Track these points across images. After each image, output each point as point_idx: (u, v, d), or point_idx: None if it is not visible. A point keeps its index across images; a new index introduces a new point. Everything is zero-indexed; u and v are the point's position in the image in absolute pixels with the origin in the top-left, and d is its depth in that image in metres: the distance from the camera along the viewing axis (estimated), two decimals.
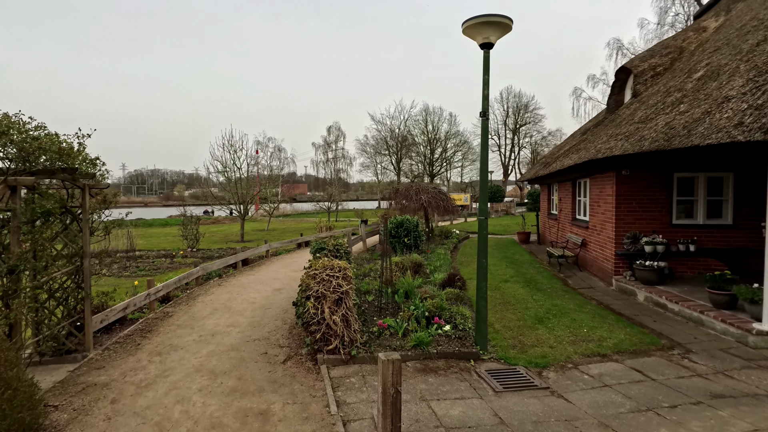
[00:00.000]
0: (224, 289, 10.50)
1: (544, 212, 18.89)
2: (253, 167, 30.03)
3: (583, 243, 12.54)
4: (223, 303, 9.09)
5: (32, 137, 4.93)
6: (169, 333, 7.17)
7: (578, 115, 38.22)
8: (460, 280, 9.18)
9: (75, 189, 6.28)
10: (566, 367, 5.79)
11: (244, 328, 7.30)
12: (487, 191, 6.51)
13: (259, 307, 8.62)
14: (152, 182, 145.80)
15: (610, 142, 9.35)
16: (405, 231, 15.01)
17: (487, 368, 5.79)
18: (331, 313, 5.40)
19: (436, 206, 18.48)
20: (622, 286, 9.82)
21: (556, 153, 18.08)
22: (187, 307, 8.86)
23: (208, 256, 18.14)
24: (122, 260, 17.06)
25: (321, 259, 5.96)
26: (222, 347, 6.37)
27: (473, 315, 7.67)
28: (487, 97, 6.20)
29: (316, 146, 74.24)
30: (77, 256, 6.31)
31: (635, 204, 10.11)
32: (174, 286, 9.57)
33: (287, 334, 6.84)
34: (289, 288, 10.28)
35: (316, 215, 53.81)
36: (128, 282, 12.63)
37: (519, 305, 8.69)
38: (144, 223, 45.33)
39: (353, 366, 5.56)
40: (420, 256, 13.73)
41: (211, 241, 25.16)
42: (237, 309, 8.56)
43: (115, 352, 6.38)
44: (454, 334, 6.54)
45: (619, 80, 15.28)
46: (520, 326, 7.39)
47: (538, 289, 10.20)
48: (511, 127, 72.29)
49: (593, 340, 6.66)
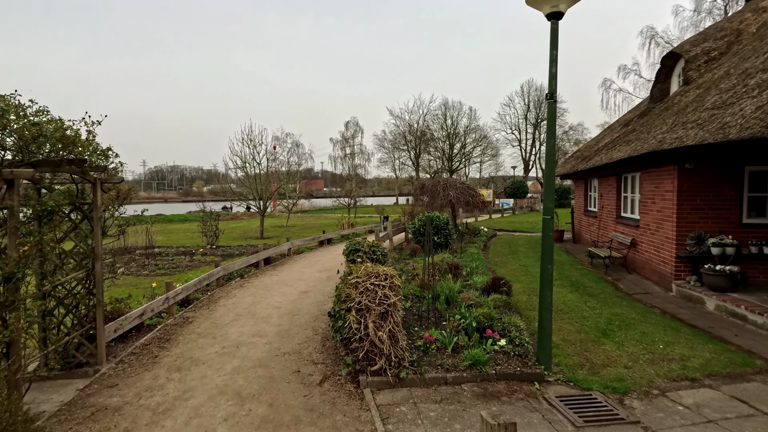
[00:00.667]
0: (247, 291, 9.81)
1: (580, 209, 17.79)
2: (272, 162, 29.48)
3: (633, 243, 11.49)
4: (246, 307, 8.39)
5: (32, 123, 4.24)
6: (189, 343, 6.47)
7: (608, 108, 36.71)
8: (506, 285, 8.29)
9: (85, 184, 5.61)
10: (651, 394, 4.89)
11: (272, 338, 6.56)
12: (553, 185, 5.62)
13: (286, 313, 7.89)
14: (172, 178, 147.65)
15: (676, 132, 8.32)
16: (434, 228, 14.14)
17: (557, 393, 4.92)
18: (376, 329, 4.61)
19: (465, 202, 17.56)
20: (685, 292, 8.80)
21: (594, 146, 16.95)
22: (208, 312, 8.18)
23: (228, 253, 17.58)
24: (141, 258, 16.60)
25: (363, 265, 5.17)
26: (248, 362, 5.63)
27: (527, 326, 6.80)
28: (555, 76, 5.31)
29: (333, 141, 73.68)
30: (88, 259, 5.64)
31: (699, 201, 9.06)
32: (194, 288, 8.92)
33: (320, 347, 6.07)
34: (316, 291, 9.54)
35: (334, 211, 53.26)
36: (147, 282, 12.08)
37: (573, 313, 7.78)
38: (164, 219, 45.38)
39: (402, 390, 4.76)
40: (451, 256, 12.88)
41: (231, 238, 24.69)
42: (262, 315, 7.84)
43: (129, 365, 5.70)
44: (512, 350, 5.68)
45: (666, 67, 14.12)
46: (582, 340, 6.49)
47: (589, 294, 9.25)
48: (532, 121, 70.52)
49: (674, 359, 5.73)
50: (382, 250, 7.27)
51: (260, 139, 24.71)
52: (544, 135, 70.29)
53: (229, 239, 23.74)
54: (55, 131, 4.39)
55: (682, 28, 32.24)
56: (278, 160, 32.58)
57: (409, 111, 73.95)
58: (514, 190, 44.53)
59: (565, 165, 18.42)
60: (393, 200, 77.05)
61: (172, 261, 15.65)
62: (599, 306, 8.25)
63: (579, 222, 17.91)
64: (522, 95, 69.12)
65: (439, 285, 8.07)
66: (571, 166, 17.03)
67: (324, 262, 13.64)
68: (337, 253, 15.63)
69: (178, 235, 27.82)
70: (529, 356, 5.60)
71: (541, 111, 68.96)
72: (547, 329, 5.44)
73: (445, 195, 17.55)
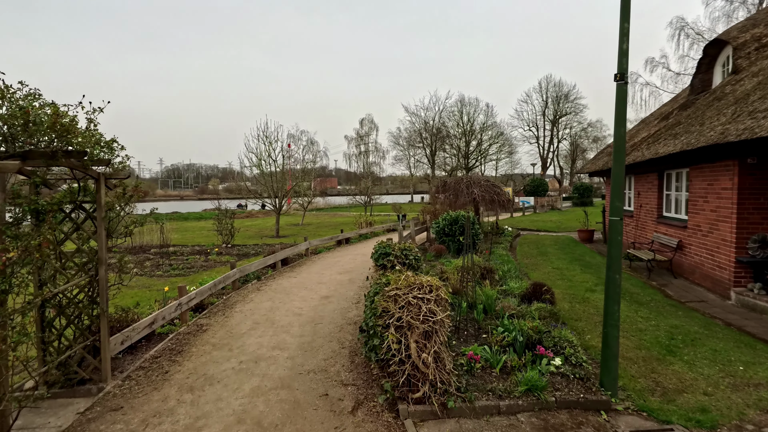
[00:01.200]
0: (264, 295, 9.20)
1: None
2: (288, 160, 28.95)
3: (680, 245, 10.58)
4: (264, 314, 7.77)
5: (18, 107, 3.63)
6: (203, 356, 5.86)
7: (633, 102, 35.26)
8: (549, 293, 7.51)
9: (88, 180, 5.02)
10: (746, 430, 4.10)
11: (294, 351, 5.91)
12: (621, 179, 4.84)
13: (308, 321, 7.24)
14: (188, 176, 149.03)
15: (742, 122, 7.44)
16: (460, 228, 13.38)
17: (631, 427, 4.16)
18: (419, 350, 3.91)
19: (490, 201, 16.74)
20: (748, 301, 7.91)
21: (628, 142, 15.98)
22: (223, 319, 7.58)
23: (244, 253, 17.06)
24: (156, 257, 16.17)
25: (402, 274, 4.47)
26: (269, 382, 4.98)
27: (579, 341, 6.03)
28: (627, 53, 4.53)
29: (348, 139, 72.91)
30: (91, 263, 5.06)
31: (764, 200, 8.15)
32: (209, 293, 8.33)
33: (349, 364, 5.39)
34: (339, 296, 8.87)
35: (349, 209, 52.68)
36: (160, 283, 11.58)
37: (626, 325, 6.97)
38: (179, 216, 45.34)
39: (449, 422, 4.04)
40: (480, 258, 12.11)
41: (246, 236, 24.23)
42: (282, 323, 7.20)
43: (137, 383, 5.10)
44: (570, 372, 4.93)
45: (708, 56, 13.17)
46: (645, 357, 5.70)
47: (637, 302, 8.41)
48: (550, 118, 68.96)
49: (761, 384, 4.91)
50: (415, 254, 6.55)
51: (276, 136, 24.19)
52: (564, 131, 69.05)
53: (244, 238, 23.28)
54: (47, 117, 3.77)
55: (714, 18, 30.87)
56: (293, 157, 32.03)
57: (425, 108, 73.07)
58: (533, 188, 43.36)
59: (595, 162, 17.45)
60: (407, 198, 76.23)
61: (186, 261, 15.17)
62: (653, 316, 7.42)
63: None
64: (540, 91, 67.57)
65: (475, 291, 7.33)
66: (603, 162, 16.08)
67: (344, 264, 12.98)
68: (357, 253, 14.99)
69: (193, 233, 27.50)
70: (591, 379, 4.84)
71: (560, 107, 67.39)
72: (614, 349, 4.68)
73: (469, 193, 16.77)
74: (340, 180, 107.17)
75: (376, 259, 6.56)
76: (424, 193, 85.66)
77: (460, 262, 9.92)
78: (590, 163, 18.42)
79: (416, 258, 6.55)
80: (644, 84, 34.86)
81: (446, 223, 13.60)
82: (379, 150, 73.58)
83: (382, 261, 6.20)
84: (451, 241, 13.48)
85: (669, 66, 33.68)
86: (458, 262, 9.53)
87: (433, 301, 3.98)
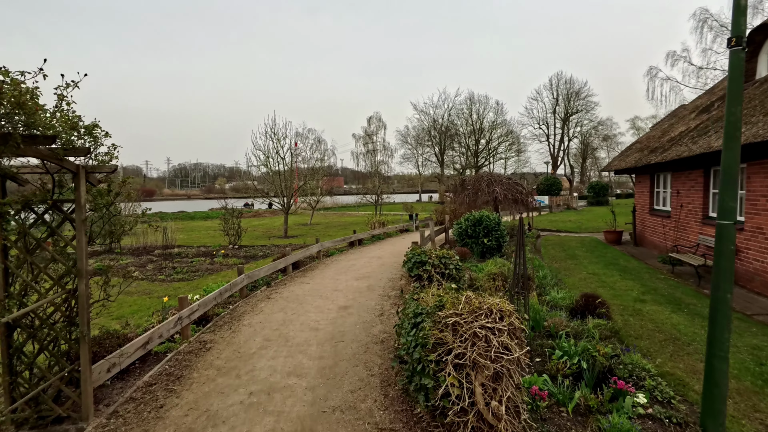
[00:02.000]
0: (275, 305, 8.27)
1: (644, 208, 15.73)
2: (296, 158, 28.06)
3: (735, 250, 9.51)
4: (276, 328, 6.84)
5: None
6: (205, 384, 4.93)
7: (653, 98, 33.99)
8: (604, 306, 6.51)
9: (65, 173, 4.11)
10: None
11: (314, 379, 4.96)
12: (735, 174, 3.84)
13: (327, 339, 6.29)
14: (195, 176, 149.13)
15: None
16: (484, 230, 12.39)
17: None
18: (488, 396, 2.94)
19: (513, 200, 15.73)
20: None
21: (661, 137, 14.91)
22: (230, 334, 6.66)
23: (252, 254, 16.18)
24: (159, 259, 15.33)
25: (461, 294, 3.51)
26: (286, 424, 4.04)
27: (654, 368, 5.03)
28: (744, 11, 3.54)
29: (356, 137, 71.96)
30: (69, 276, 4.15)
31: None
32: (213, 303, 7.42)
33: (383, 399, 4.43)
34: (358, 306, 7.92)
35: (357, 209, 51.75)
36: (161, 289, 10.70)
37: (697, 345, 5.96)
38: (185, 215, 44.68)
39: None
40: (506, 260, 11.13)
41: (253, 237, 23.37)
42: (297, 340, 6.27)
43: (125, 422, 4.18)
44: (663, 414, 3.93)
45: (754, 43, 12.08)
46: (739, 389, 4.70)
47: (699, 314, 7.40)
48: (561, 116, 67.60)
49: None
50: (455, 263, 5.59)
51: (284, 133, 23.26)
52: (575, 129, 67.75)
53: (251, 238, 22.42)
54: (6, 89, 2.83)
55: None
56: (301, 156, 31.14)
57: (433, 105, 71.78)
58: (547, 186, 42.17)
59: (624, 158, 16.35)
60: (415, 197, 75.19)
61: (191, 263, 14.30)
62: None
63: (642, 222, 15.85)
64: (550, 89, 66.24)
65: (517, 304, 6.35)
66: (635, 159, 14.98)
67: (359, 267, 12.04)
68: (372, 256, 14.03)
69: (199, 233, 26.70)
70: (690, 425, 3.85)
71: (571, 104, 65.98)
72: (722, 388, 3.69)
73: (490, 192, 15.77)
74: (346, 179, 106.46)
75: (410, 268, 5.60)
76: (432, 192, 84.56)
77: (489, 267, 8.95)
78: (618, 160, 17.31)
79: (457, 267, 5.58)
80: (664, 79, 33.59)
81: (469, 224, 12.61)
82: (387, 148, 72.62)
83: (417, 271, 5.25)
84: (475, 244, 12.49)
85: (691, 60, 32.32)
86: (489, 268, 8.55)
87: (507, 332, 3.02)
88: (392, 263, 12.54)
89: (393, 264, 12.39)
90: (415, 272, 5.39)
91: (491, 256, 12.27)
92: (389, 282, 10.00)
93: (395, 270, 11.51)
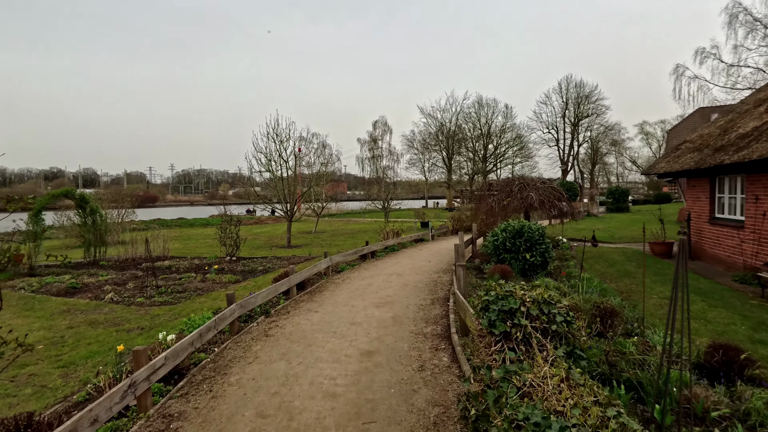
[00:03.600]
0: (275, 348, 6.25)
1: (702, 217, 13.65)
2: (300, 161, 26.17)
3: None
4: (275, 391, 4.82)
5: None
6: None
7: (680, 98, 31.83)
8: (753, 364, 4.46)
9: None
10: None
11: None
12: None
13: (350, 416, 4.25)
14: (198, 182, 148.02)
15: None
16: (526, 242, 10.35)
17: None
18: None
19: (550, 207, 13.69)
20: None
21: (723, 135, 12.86)
22: (208, 401, 4.64)
23: (250, 269, 14.17)
24: (144, 275, 13.36)
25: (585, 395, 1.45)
26: None
27: None
28: None
29: (361, 141, 70.19)
30: None
31: None
32: (188, 351, 5.41)
33: None
34: (387, 350, 5.89)
35: (363, 215, 49.73)
36: (137, 317, 8.70)
37: None
38: (185, 222, 42.86)
39: None
40: (555, 281, 9.11)
41: (254, 246, 21.40)
42: (305, 419, 4.23)
43: None
44: None
45: None
46: None
47: None
48: (570, 120, 65.64)
49: None
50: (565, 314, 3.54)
51: (287, 134, 21.29)
52: (585, 134, 65.70)
53: (252, 248, 20.44)
54: None
55: None
56: (305, 161, 29.22)
57: (441, 109, 69.68)
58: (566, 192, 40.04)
59: (677, 160, 14.27)
60: (421, 203, 73.12)
61: (179, 280, 12.32)
62: None
63: (699, 233, 13.77)
64: (560, 92, 64.36)
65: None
66: (694, 160, 12.93)
67: (378, 289, 9.99)
68: (390, 273, 11.98)
69: (196, 242, 24.77)
70: None
71: (581, 108, 63.94)
72: None
73: (524, 197, 13.74)
74: (349, 185, 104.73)
75: (489, 324, 3.52)
76: (439, 197, 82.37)
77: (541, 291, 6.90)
78: (665, 162, 15.23)
79: (568, 321, 3.54)
80: (692, 77, 31.51)
81: (507, 236, 10.59)
82: (393, 153, 70.72)
83: (502, 327, 3.22)
84: (514, 260, 10.46)
85: (721, 57, 30.20)
86: (541, 292, 6.51)
87: None
88: (416, 283, 10.50)
89: (417, 284, 10.35)
90: (501, 328, 3.36)
91: (534, 275, 10.24)
92: (419, 311, 7.95)
93: (422, 292, 9.47)
